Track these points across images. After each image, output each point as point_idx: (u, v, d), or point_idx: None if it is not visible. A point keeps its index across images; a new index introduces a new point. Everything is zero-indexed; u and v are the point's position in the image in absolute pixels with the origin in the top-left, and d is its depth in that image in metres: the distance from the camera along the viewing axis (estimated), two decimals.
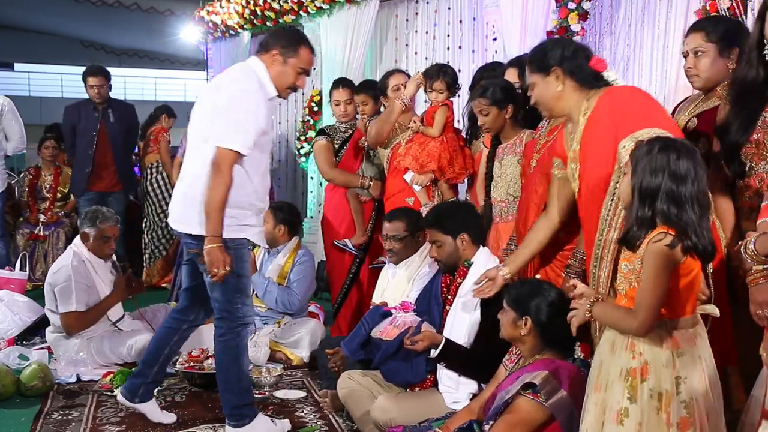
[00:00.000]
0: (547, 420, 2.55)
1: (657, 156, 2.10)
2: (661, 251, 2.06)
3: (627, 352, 2.15)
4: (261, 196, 3.35)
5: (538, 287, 2.80)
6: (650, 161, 2.11)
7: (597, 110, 2.59)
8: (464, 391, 3.11)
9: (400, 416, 3.08)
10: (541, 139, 3.11)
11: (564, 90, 2.66)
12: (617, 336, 2.19)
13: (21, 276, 5.78)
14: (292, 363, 4.57)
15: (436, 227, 3.29)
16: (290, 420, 3.64)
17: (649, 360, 2.12)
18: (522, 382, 2.58)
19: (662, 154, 2.10)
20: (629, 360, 2.14)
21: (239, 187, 3.18)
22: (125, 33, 16.20)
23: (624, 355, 2.16)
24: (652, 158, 2.11)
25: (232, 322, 3.33)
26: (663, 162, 2.09)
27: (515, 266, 2.97)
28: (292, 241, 4.93)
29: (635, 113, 2.51)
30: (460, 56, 5.94)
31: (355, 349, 3.51)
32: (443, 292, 3.34)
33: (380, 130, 4.31)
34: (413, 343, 3.09)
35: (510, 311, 2.74)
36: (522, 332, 2.71)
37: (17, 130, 6.41)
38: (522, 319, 2.70)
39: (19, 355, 4.48)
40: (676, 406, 2.09)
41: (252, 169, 3.24)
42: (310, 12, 6.87)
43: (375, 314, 3.51)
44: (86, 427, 3.58)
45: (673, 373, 2.11)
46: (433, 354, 3.08)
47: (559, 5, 4.59)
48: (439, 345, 3.06)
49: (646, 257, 2.08)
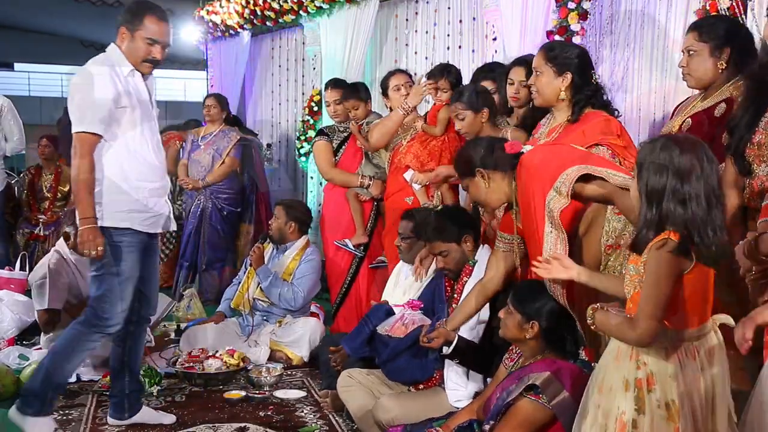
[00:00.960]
0: (549, 421, 2.55)
1: (660, 154, 2.01)
2: (662, 257, 1.97)
3: (631, 361, 2.08)
4: (151, 176, 3.32)
5: (544, 289, 2.79)
6: (653, 160, 2.02)
7: (519, 184, 2.64)
8: (471, 389, 3.11)
9: (402, 415, 3.09)
10: (540, 139, 3.12)
11: (493, 185, 2.75)
12: (621, 343, 2.12)
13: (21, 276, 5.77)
14: (292, 362, 4.57)
15: (438, 239, 3.29)
16: (290, 420, 3.64)
17: (654, 371, 2.04)
18: (524, 384, 2.57)
19: (664, 152, 2.01)
20: (634, 370, 2.07)
21: (115, 170, 3.21)
22: None
23: (628, 365, 2.08)
24: (654, 157, 2.02)
25: (93, 320, 3.29)
26: (666, 159, 2.00)
27: (453, 325, 3.04)
28: (302, 240, 4.94)
29: (544, 172, 2.53)
30: (460, 56, 5.93)
31: (357, 347, 3.51)
32: (447, 291, 3.34)
33: (381, 139, 4.33)
34: (429, 340, 3.08)
35: (516, 314, 2.72)
36: (527, 335, 2.70)
37: (16, 130, 6.42)
38: (529, 323, 2.69)
39: (19, 355, 4.48)
40: (683, 421, 2.02)
41: (127, 149, 3.24)
42: (310, 12, 6.86)
43: (378, 312, 3.52)
44: (86, 427, 3.59)
45: (679, 386, 2.03)
46: (447, 351, 3.08)
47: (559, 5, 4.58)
48: (452, 342, 3.06)
49: (648, 263, 2.00)
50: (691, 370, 2.04)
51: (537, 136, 3.18)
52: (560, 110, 3.07)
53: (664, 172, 1.99)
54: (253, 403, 3.87)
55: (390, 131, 4.29)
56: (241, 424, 3.54)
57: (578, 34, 4.51)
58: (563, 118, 3.06)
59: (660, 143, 2.05)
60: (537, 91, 3.07)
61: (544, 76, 3.02)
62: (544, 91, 3.04)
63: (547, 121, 3.18)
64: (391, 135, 4.30)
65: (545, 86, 3.03)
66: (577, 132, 2.95)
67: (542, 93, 3.05)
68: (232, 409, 3.79)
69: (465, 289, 3.21)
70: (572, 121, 3.00)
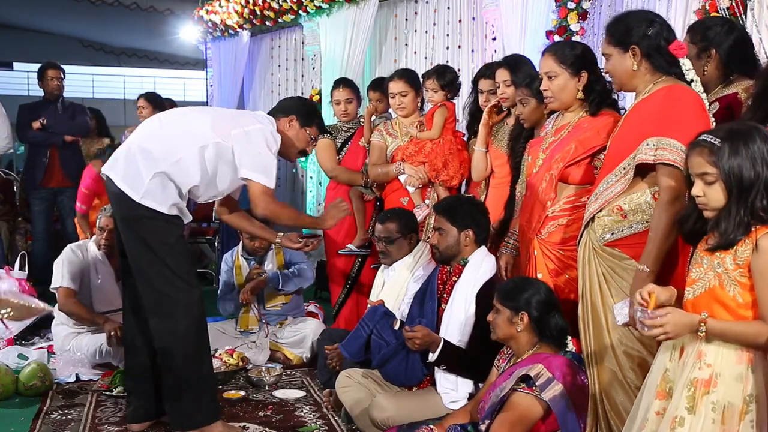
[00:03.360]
0: (544, 413, 2.57)
1: (746, 149, 1.95)
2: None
3: (695, 360, 2.02)
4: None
5: (527, 282, 2.83)
6: (743, 155, 1.95)
7: (649, 100, 2.59)
8: (463, 391, 3.12)
9: (398, 415, 3.09)
10: (548, 137, 3.11)
11: (639, 70, 2.63)
12: (687, 343, 2.05)
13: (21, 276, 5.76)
14: (291, 363, 4.57)
15: (446, 216, 3.29)
16: (290, 420, 3.64)
17: (719, 372, 1.99)
18: (516, 376, 2.59)
19: (751, 145, 1.95)
20: (696, 370, 2.01)
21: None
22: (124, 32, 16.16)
23: (691, 364, 2.03)
24: (740, 152, 1.95)
25: None
26: (759, 152, 1.95)
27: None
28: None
29: (668, 118, 2.50)
30: (459, 56, 5.93)
31: (355, 353, 3.52)
32: (439, 289, 3.34)
33: (376, 177, 4.36)
34: (411, 337, 3.08)
35: (504, 310, 2.75)
36: (519, 328, 2.72)
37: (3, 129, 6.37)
38: (518, 315, 2.71)
39: (18, 355, 4.48)
40: (745, 427, 1.96)
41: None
42: (310, 11, 6.87)
43: (374, 315, 3.51)
44: (85, 426, 3.58)
45: (745, 389, 1.97)
46: (432, 358, 3.09)
47: (559, 5, 4.59)
48: (438, 347, 3.07)
49: (763, 257, 1.91)
50: (762, 373, 1.98)
51: (544, 134, 3.17)
52: (573, 110, 3.05)
53: (757, 164, 1.94)
54: (252, 403, 3.87)
55: (386, 179, 4.31)
56: (240, 423, 3.54)
57: (578, 34, 4.51)
58: (574, 117, 3.04)
59: (739, 136, 1.98)
60: (552, 95, 3.00)
61: (560, 79, 2.97)
62: (560, 94, 2.99)
63: (552, 120, 3.17)
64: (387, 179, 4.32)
65: (562, 89, 2.98)
66: (591, 130, 2.96)
67: (558, 96, 3.00)
68: (232, 409, 3.79)
69: (455, 290, 3.22)
70: (593, 114, 2.99)
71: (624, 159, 2.59)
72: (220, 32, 8.41)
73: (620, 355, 2.59)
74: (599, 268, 2.64)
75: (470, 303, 3.14)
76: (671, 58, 2.59)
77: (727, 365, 1.99)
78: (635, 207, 2.59)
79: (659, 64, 2.60)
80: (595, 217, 2.66)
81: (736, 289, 2.00)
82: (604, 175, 2.66)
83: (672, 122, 2.48)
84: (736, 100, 2.93)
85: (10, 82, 18.33)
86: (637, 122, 2.59)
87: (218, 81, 8.71)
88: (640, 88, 2.65)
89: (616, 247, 2.62)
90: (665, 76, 2.60)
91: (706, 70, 2.95)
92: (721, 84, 3.01)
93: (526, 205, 3.15)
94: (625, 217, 2.60)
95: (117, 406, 3.82)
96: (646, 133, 2.51)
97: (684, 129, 2.42)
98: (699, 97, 2.55)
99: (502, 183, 3.75)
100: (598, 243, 2.65)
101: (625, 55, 2.63)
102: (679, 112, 2.50)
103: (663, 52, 2.59)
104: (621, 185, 2.59)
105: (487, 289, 3.12)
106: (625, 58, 2.63)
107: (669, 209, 2.43)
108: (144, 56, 18.97)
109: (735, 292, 2.00)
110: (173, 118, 3.44)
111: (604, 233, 2.64)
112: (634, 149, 2.55)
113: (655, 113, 2.53)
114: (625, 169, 2.58)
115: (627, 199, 2.60)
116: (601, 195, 2.64)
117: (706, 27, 3.06)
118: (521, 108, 3.45)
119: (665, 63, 2.60)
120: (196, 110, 3.67)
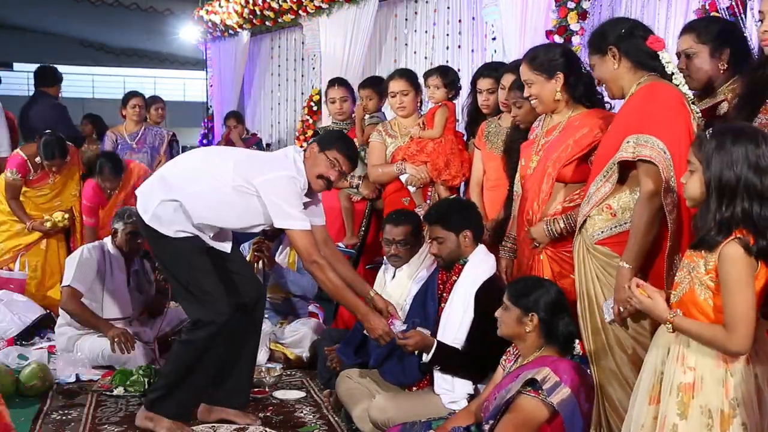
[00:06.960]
0: (550, 416, 2.56)
1: (732, 148, 1.94)
2: (744, 257, 1.91)
3: (678, 365, 2.04)
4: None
5: (539, 283, 2.81)
6: (726, 153, 1.94)
7: (631, 99, 2.62)
8: (461, 391, 3.12)
9: (398, 416, 3.09)
10: (539, 139, 3.12)
11: (619, 69, 2.67)
12: (674, 346, 2.07)
13: (21, 276, 5.76)
14: (291, 362, 4.56)
15: (440, 224, 3.27)
16: (290, 420, 3.64)
17: (701, 375, 2.00)
18: (523, 379, 2.58)
19: (738, 145, 1.94)
20: (680, 374, 2.03)
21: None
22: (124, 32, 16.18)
23: (675, 368, 2.05)
24: (727, 150, 1.94)
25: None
26: (741, 153, 1.93)
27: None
28: None
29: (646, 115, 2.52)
30: (459, 56, 5.93)
31: (351, 356, 3.57)
32: (440, 289, 3.34)
33: (377, 178, 4.33)
34: (403, 345, 3.10)
35: (514, 308, 2.73)
36: (527, 329, 2.71)
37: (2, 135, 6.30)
38: (528, 316, 2.70)
39: (18, 355, 4.47)
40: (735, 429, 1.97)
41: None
42: (310, 11, 6.87)
43: None
44: (85, 426, 3.58)
45: (728, 393, 1.98)
46: (426, 359, 3.10)
47: (559, 4, 4.58)
48: (431, 349, 3.07)
49: (725, 265, 1.92)
50: (741, 376, 1.99)
51: (534, 136, 3.18)
52: (559, 111, 3.07)
53: (738, 166, 1.93)
54: (252, 403, 3.86)
55: (387, 180, 4.28)
56: (240, 424, 3.54)
57: (578, 34, 4.51)
58: (562, 117, 3.07)
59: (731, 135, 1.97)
60: (536, 100, 3.06)
61: (536, 85, 3.02)
62: (541, 98, 3.04)
63: (540, 122, 3.20)
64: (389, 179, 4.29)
65: (540, 93, 3.03)
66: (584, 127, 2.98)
67: (540, 100, 3.05)
68: None
69: (454, 289, 3.22)
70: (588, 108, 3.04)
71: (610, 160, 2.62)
72: (220, 32, 8.42)
73: (617, 353, 2.60)
74: (593, 267, 2.66)
75: (469, 302, 3.14)
76: (650, 52, 2.62)
77: (707, 369, 2.00)
78: (624, 206, 2.62)
79: (639, 59, 2.63)
80: (587, 218, 2.68)
81: (707, 293, 2.01)
82: (594, 176, 2.69)
83: (650, 119, 2.51)
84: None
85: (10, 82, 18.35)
86: (621, 123, 2.63)
87: (218, 81, 8.72)
88: (626, 89, 2.68)
89: (607, 246, 2.64)
90: (647, 74, 2.63)
91: (723, 68, 2.88)
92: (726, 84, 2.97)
93: (523, 207, 3.16)
94: (614, 216, 2.63)
95: (117, 406, 3.81)
96: (628, 132, 2.54)
97: (662, 125, 2.47)
98: (678, 93, 2.57)
99: (496, 185, 3.76)
100: (590, 242, 2.67)
101: (605, 57, 2.68)
102: (658, 108, 2.53)
103: (641, 47, 2.62)
104: (608, 186, 2.63)
105: (487, 288, 3.13)
106: (606, 60, 2.68)
107: (647, 205, 2.47)
108: (144, 56, 18.99)
109: (705, 296, 2.01)
110: (199, 155, 3.75)
111: (595, 231, 2.66)
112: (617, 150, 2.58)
113: (636, 112, 2.57)
114: (611, 170, 2.61)
115: (616, 197, 2.63)
116: (592, 197, 2.67)
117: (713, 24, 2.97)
118: (516, 110, 3.48)
119: (645, 57, 2.63)
120: (223, 150, 4.13)
